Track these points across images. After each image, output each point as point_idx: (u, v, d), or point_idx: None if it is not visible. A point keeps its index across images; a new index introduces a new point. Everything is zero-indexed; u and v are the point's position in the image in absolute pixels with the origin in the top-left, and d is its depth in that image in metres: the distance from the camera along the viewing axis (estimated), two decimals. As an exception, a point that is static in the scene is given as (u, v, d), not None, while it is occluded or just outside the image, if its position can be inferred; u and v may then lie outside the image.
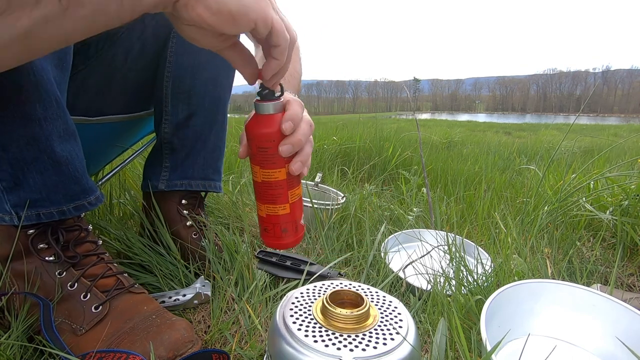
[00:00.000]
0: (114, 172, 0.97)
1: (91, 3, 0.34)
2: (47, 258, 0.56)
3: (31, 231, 0.56)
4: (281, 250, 0.83)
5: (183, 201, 0.82)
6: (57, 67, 0.52)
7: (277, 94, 0.49)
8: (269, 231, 0.54)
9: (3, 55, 0.34)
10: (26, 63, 0.43)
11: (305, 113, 0.53)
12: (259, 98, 0.49)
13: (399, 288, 0.77)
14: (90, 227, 0.62)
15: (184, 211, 0.81)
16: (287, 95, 0.55)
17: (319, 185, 1.28)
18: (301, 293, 0.48)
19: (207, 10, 0.36)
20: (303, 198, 0.57)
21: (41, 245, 0.57)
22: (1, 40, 0.32)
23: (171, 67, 0.75)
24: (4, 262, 0.57)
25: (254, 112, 0.51)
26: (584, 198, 1.14)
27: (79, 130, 0.58)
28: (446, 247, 0.86)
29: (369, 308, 0.43)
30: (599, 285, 0.76)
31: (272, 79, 0.45)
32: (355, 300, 0.45)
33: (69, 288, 0.56)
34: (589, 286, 0.68)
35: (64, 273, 0.57)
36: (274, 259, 0.80)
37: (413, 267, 0.80)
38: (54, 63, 0.51)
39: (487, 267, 0.80)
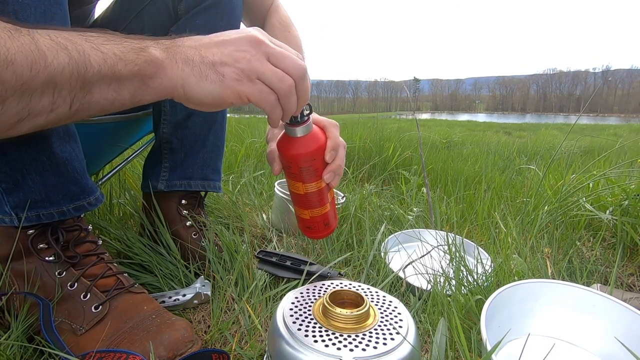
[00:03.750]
0: (114, 172, 0.97)
1: (98, 107, 0.42)
2: (47, 258, 0.56)
3: (31, 231, 0.56)
4: (281, 250, 0.84)
5: (183, 201, 0.82)
6: None
7: (306, 112, 0.52)
8: (313, 228, 0.61)
9: (17, 134, 0.40)
10: None
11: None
12: (289, 122, 0.52)
13: (399, 288, 0.77)
14: (90, 227, 0.62)
15: (184, 211, 0.81)
16: (319, 118, 0.59)
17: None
18: (301, 293, 0.48)
19: (194, 104, 0.46)
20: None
21: (41, 245, 0.57)
22: (21, 130, 0.40)
23: None
24: (4, 262, 0.57)
25: (283, 132, 0.54)
26: (584, 198, 1.13)
27: (79, 130, 0.58)
28: (446, 247, 0.86)
29: (369, 308, 0.43)
30: (599, 285, 0.76)
31: (285, 116, 0.50)
32: (355, 300, 0.45)
33: (69, 288, 0.56)
34: (589, 286, 0.68)
35: (64, 273, 0.57)
36: (274, 259, 0.80)
37: (413, 267, 0.80)
38: None
39: (487, 267, 0.80)
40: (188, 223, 0.81)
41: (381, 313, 0.45)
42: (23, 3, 0.44)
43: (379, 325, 0.43)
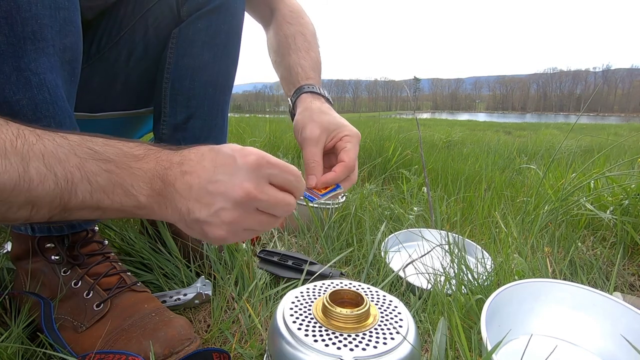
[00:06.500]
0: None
1: (79, 220, 0.44)
2: (52, 257, 0.58)
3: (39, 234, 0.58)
4: (282, 249, 0.83)
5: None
6: (68, 81, 0.53)
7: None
8: None
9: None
10: (40, 80, 0.47)
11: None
12: None
13: (399, 287, 0.77)
14: (96, 227, 0.64)
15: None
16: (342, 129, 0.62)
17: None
18: (301, 292, 0.48)
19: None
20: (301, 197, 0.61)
21: (48, 245, 0.58)
22: None
23: (170, 68, 0.75)
24: (15, 261, 0.60)
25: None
26: (584, 197, 1.13)
27: (81, 126, 0.58)
28: (446, 246, 0.86)
29: (369, 307, 0.43)
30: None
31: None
32: (355, 300, 0.45)
33: (72, 286, 0.57)
34: (589, 286, 0.68)
35: (69, 271, 0.58)
36: (275, 259, 0.80)
37: (413, 266, 0.80)
38: (65, 78, 0.52)
39: (487, 267, 0.80)
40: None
41: (381, 313, 0.45)
42: (42, 23, 0.46)
43: (379, 325, 0.43)
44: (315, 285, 0.50)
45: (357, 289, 0.47)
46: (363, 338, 0.41)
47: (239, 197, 0.40)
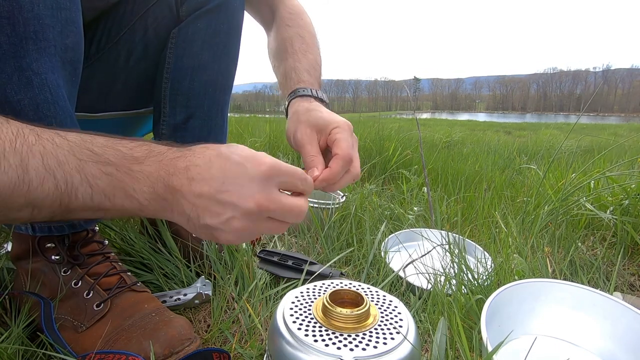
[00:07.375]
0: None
1: (82, 219, 0.43)
2: (52, 257, 0.58)
3: (40, 233, 0.58)
4: (282, 249, 0.83)
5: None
6: (69, 82, 0.53)
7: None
8: None
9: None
10: (42, 80, 0.47)
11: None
12: None
13: (399, 287, 0.77)
14: (97, 227, 0.64)
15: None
16: (331, 121, 0.59)
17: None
18: (301, 292, 0.48)
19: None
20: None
21: (48, 245, 0.58)
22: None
23: (170, 68, 0.75)
24: (15, 261, 0.60)
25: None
26: (584, 197, 1.13)
27: (82, 127, 0.58)
28: (446, 246, 0.86)
29: (369, 307, 0.43)
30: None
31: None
32: (355, 300, 0.45)
33: (73, 286, 0.57)
34: (590, 286, 0.68)
35: (69, 271, 0.58)
36: (275, 259, 0.80)
37: (413, 266, 0.80)
38: (66, 79, 0.52)
39: (487, 267, 0.80)
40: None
41: (381, 312, 0.45)
42: (43, 24, 0.46)
43: (379, 325, 0.43)
44: (315, 285, 0.50)
45: (357, 289, 0.47)
46: (363, 338, 0.41)
47: (249, 209, 0.40)
